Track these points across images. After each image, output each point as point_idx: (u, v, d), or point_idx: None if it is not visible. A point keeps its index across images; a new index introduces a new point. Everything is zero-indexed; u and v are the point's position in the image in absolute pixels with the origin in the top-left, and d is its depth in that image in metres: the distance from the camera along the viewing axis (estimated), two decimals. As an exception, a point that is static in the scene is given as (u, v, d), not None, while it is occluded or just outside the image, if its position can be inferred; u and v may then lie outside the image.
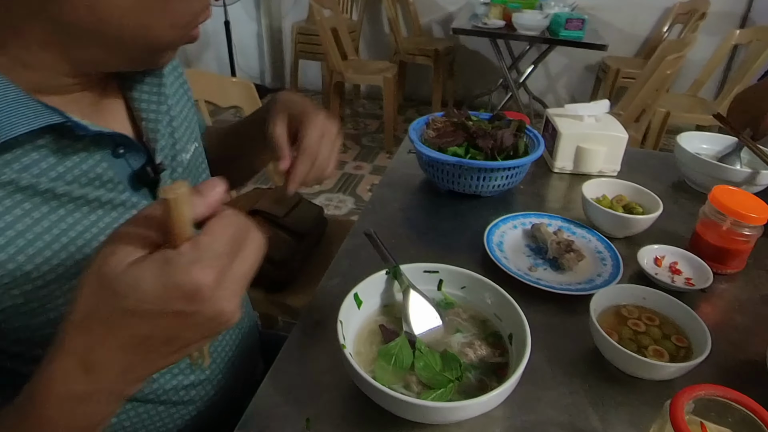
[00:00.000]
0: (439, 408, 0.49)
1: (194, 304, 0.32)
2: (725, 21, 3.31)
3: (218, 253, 0.32)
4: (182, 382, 0.62)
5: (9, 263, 0.43)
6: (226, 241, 0.33)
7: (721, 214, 0.76)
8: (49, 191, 0.45)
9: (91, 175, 0.49)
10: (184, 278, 0.31)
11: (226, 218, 0.34)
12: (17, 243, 0.44)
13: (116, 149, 0.51)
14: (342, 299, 0.57)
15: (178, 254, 0.32)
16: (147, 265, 0.32)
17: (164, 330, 0.33)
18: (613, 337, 0.61)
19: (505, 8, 2.97)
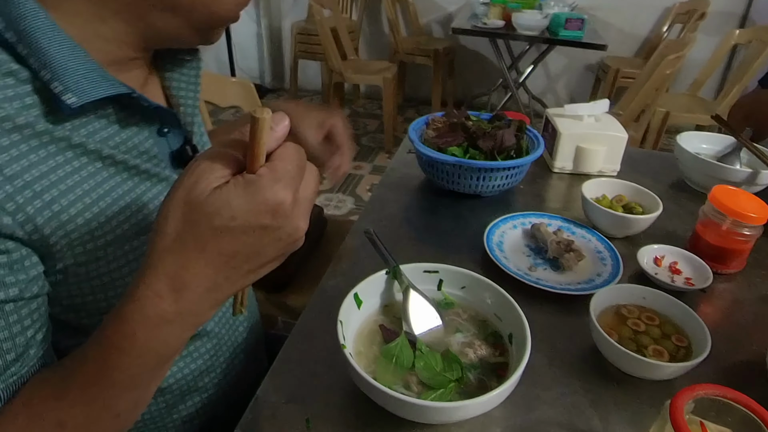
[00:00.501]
0: (439, 408, 0.49)
1: (278, 218, 0.36)
2: (725, 21, 3.32)
3: (292, 175, 0.37)
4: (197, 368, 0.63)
5: (78, 218, 0.46)
6: (295, 166, 0.37)
7: (720, 213, 0.76)
8: (109, 157, 0.49)
9: (141, 148, 0.53)
10: (269, 195, 0.35)
11: (291, 147, 0.38)
12: (84, 201, 0.47)
13: (161, 128, 0.55)
14: (342, 299, 0.57)
15: (259, 176, 0.36)
16: (232, 186, 0.35)
17: (249, 246, 0.37)
18: (613, 336, 0.61)
19: (504, 8, 2.97)
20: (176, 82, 0.60)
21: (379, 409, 0.51)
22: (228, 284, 0.38)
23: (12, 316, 0.42)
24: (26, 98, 0.43)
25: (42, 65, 0.43)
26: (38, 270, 0.45)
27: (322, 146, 0.74)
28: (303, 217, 0.38)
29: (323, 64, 3.60)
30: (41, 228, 0.44)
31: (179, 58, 0.61)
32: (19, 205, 0.42)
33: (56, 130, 0.45)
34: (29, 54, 0.43)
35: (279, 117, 0.37)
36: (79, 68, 0.44)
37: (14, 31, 0.43)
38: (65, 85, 0.43)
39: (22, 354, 0.43)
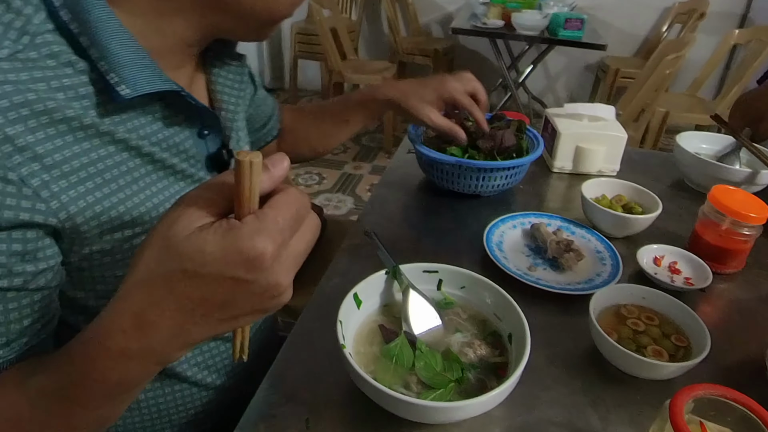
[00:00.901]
0: (439, 408, 0.49)
1: (253, 271, 0.33)
2: (724, 21, 3.32)
3: (281, 226, 0.34)
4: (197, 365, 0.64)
5: (111, 210, 0.48)
6: (288, 216, 0.34)
7: (720, 213, 0.76)
8: (149, 155, 0.50)
9: (180, 147, 0.54)
10: (247, 245, 0.32)
11: (290, 195, 0.35)
12: (119, 195, 0.48)
13: (202, 129, 0.56)
14: (341, 299, 0.57)
15: (243, 223, 0.33)
16: (212, 230, 0.33)
17: (220, 295, 0.34)
18: (613, 336, 0.61)
19: (504, 8, 2.97)
20: (220, 86, 0.62)
21: (378, 409, 0.51)
22: (197, 330, 0.36)
23: (11, 303, 0.43)
24: (80, 89, 0.45)
25: (101, 56, 0.45)
26: (50, 263, 0.45)
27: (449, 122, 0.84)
28: (285, 272, 0.35)
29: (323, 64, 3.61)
30: (74, 216, 0.45)
31: (225, 62, 0.63)
32: (54, 192, 0.43)
33: (102, 124, 0.46)
34: (90, 45, 0.44)
35: (277, 158, 0.35)
36: (135, 62, 0.46)
37: (79, 22, 0.44)
38: (121, 77, 0.45)
39: (13, 341, 0.44)
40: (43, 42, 0.43)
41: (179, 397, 0.64)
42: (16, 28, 0.42)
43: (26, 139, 0.41)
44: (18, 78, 0.41)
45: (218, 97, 0.62)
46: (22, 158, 0.41)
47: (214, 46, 0.60)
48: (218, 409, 0.69)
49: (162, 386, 0.62)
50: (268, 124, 0.87)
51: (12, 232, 0.42)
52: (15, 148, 0.41)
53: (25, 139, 0.41)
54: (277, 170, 0.35)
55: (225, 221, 0.34)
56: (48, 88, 0.43)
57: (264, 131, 0.87)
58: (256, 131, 0.86)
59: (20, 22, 0.43)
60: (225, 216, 0.35)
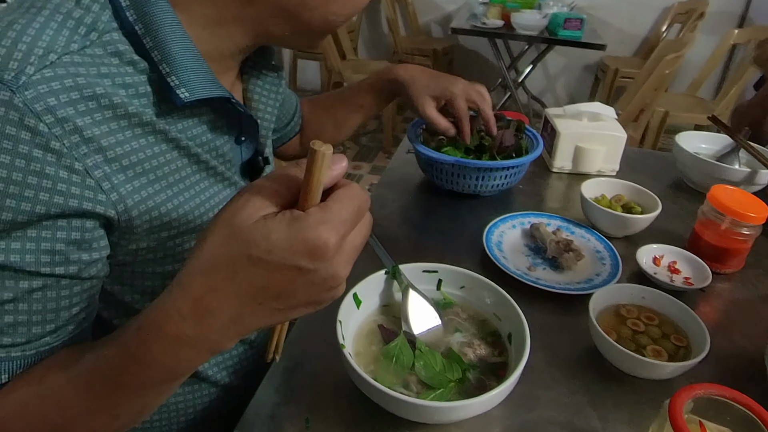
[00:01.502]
0: (439, 408, 0.49)
1: (315, 261, 0.34)
2: (724, 21, 3.32)
3: (344, 219, 0.34)
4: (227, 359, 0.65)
5: (161, 206, 0.49)
6: (351, 210, 0.35)
7: (719, 213, 0.76)
8: (196, 155, 0.52)
9: (220, 151, 0.55)
10: (311, 235, 0.33)
11: (353, 189, 0.36)
12: (167, 192, 0.50)
13: (239, 136, 0.58)
14: (341, 299, 0.57)
15: (308, 214, 0.34)
16: (278, 219, 0.34)
17: (281, 283, 0.34)
18: (612, 336, 0.61)
19: (503, 8, 2.97)
20: (257, 95, 0.63)
21: (378, 408, 0.51)
22: (253, 318, 0.36)
23: (64, 290, 0.44)
24: (140, 87, 0.46)
25: (163, 59, 0.46)
26: (102, 254, 0.47)
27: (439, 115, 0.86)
28: (344, 264, 0.36)
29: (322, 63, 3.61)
30: (130, 209, 0.46)
31: (263, 72, 0.64)
32: (114, 185, 0.45)
33: (158, 122, 0.48)
34: (153, 47, 0.46)
35: (338, 157, 0.36)
36: (194, 67, 0.47)
37: (143, 24, 0.45)
38: (181, 80, 0.46)
39: (60, 327, 0.45)
40: (110, 40, 0.45)
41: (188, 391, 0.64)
42: (86, 23, 0.44)
43: (93, 131, 0.42)
44: (87, 72, 0.42)
45: (254, 105, 0.63)
46: (88, 149, 0.42)
47: (252, 57, 0.61)
48: (224, 407, 0.69)
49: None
50: (292, 121, 0.89)
51: (72, 221, 0.43)
52: (82, 139, 0.42)
53: (91, 131, 0.42)
54: (337, 168, 0.36)
55: (289, 212, 0.34)
56: (112, 84, 0.44)
57: (288, 128, 0.89)
58: (282, 128, 0.87)
59: (89, 18, 0.44)
60: (289, 206, 0.35)
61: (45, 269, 0.42)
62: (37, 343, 0.44)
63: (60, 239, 0.43)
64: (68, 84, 0.41)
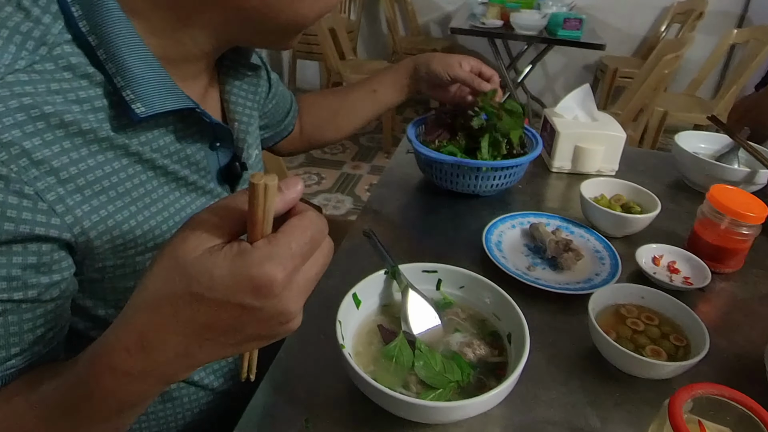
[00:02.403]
0: (438, 408, 0.49)
1: (261, 299, 0.32)
2: (723, 20, 3.32)
3: (293, 253, 0.32)
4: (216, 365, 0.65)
5: (123, 224, 0.48)
6: (302, 242, 0.33)
7: (719, 213, 0.76)
8: (162, 167, 0.50)
9: (192, 159, 0.54)
10: (257, 272, 0.31)
11: (306, 219, 0.34)
12: (131, 208, 0.48)
13: (214, 142, 0.56)
14: (340, 299, 0.57)
15: (254, 248, 0.32)
16: (222, 254, 0.32)
17: (226, 321, 0.33)
18: (611, 335, 0.61)
19: (502, 8, 2.97)
20: (234, 97, 0.61)
21: (378, 409, 0.51)
22: (203, 353, 0.35)
23: (26, 314, 0.43)
24: (96, 102, 0.44)
25: (117, 71, 0.44)
26: (64, 275, 0.45)
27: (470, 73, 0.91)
28: (295, 299, 0.34)
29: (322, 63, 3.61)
30: (88, 231, 0.45)
31: (240, 71, 0.62)
32: (69, 207, 0.43)
33: (117, 137, 0.46)
34: (107, 59, 0.44)
35: (291, 181, 0.34)
36: (151, 79, 0.45)
37: (97, 35, 0.44)
38: (136, 95, 0.45)
39: (26, 350, 0.44)
40: (61, 53, 0.43)
41: (176, 397, 0.63)
42: (34, 37, 0.42)
43: (43, 152, 0.41)
44: (35, 90, 0.41)
45: (231, 108, 0.61)
46: (38, 172, 0.41)
47: (229, 55, 0.60)
48: (218, 411, 0.69)
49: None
50: (285, 119, 0.88)
51: (27, 245, 0.41)
52: (32, 162, 0.40)
53: (42, 152, 0.41)
54: (290, 192, 0.34)
55: (236, 244, 0.32)
56: (64, 100, 0.42)
57: (281, 127, 0.88)
58: (274, 126, 0.86)
59: (39, 31, 0.42)
60: (237, 237, 0.34)
61: (2, 295, 0.41)
62: (2, 367, 0.43)
63: (15, 264, 0.41)
64: (13, 105, 0.39)
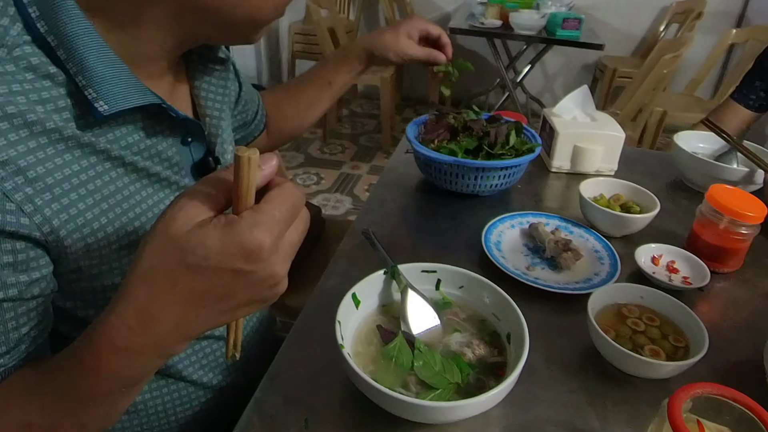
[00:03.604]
0: (438, 408, 0.49)
1: (252, 263, 0.35)
2: (721, 20, 3.32)
3: (277, 219, 0.35)
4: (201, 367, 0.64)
5: (94, 222, 0.47)
6: (284, 209, 0.36)
7: (718, 212, 0.76)
8: (132, 164, 0.50)
9: (163, 155, 0.53)
10: (245, 239, 0.34)
11: (286, 189, 0.37)
12: (101, 206, 0.48)
13: (185, 137, 0.56)
14: (340, 299, 0.57)
15: (241, 218, 0.35)
16: (212, 225, 0.35)
17: (220, 287, 0.36)
18: (610, 334, 0.61)
19: (502, 8, 2.97)
20: (204, 92, 0.61)
21: (377, 409, 0.51)
22: (198, 322, 0.37)
23: (8, 313, 0.43)
24: (59, 101, 0.44)
25: (78, 70, 0.44)
26: (43, 272, 0.45)
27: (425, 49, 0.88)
28: (282, 263, 0.37)
29: (321, 64, 3.58)
30: (57, 230, 0.44)
31: (209, 66, 0.62)
32: (38, 207, 0.43)
33: (83, 135, 0.46)
34: (67, 59, 0.44)
35: (267, 157, 0.37)
36: (113, 77, 0.45)
37: (55, 35, 0.43)
38: (98, 93, 0.44)
39: (12, 348, 0.44)
40: (21, 54, 0.43)
41: (177, 397, 0.64)
42: None
43: (8, 153, 0.41)
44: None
45: (202, 103, 0.61)
46: (5, 172, 0.41)
47: (196, 50, 0.59)
48: (217, 409, 0.69)
49: (159, 387, 0.62)
50: (256, 118, 0.87)
51: (1, 244, 0.41)
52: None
53: (7, 153, 0.41)
54: (267, 167, 0.36)
55: (223, 216, 0.35)
56: (27, 101, 0.42)
57: (252, 126, 0.87)
58: (245, 126, 0.85)
59: None
60: (223, 211, 0.36)
61: None
62: None
63: None
64: None
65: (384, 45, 0.86)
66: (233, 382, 0.70)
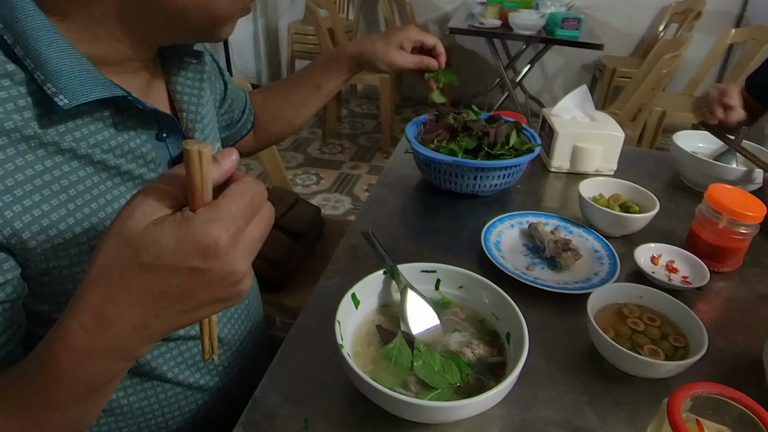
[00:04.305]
0: (437, 407, 0.49)
1: (208, 260, 0.33)
2: (721, 20, 3.32)
3: (234, 215, 0.34)
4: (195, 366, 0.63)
5: (60, 223, 0.46)
6: (242, 204, 0.34)
7: (717, 212, 0.76)
8: (101, 162, 0.48)
9: (136, 153, 0.52)
10: (201, 234, 0.33)
11: (244, 184, 0.35)
12: (68, 206, 0.46)
13: (160, 132, 0.55)
14: (339, 299, 0.57)
15: (197, 214, 0.33)
16: (167, 223, 0.33)
17: (178, 286, 0.34)
18: (609, 333, 0.61)
19: (501, 8, 2.97)
20: (180, 86, 0.60)
21: (377, 409, 0.51)
22: (159, 322, 0.36)
23: None
24: (19, 100, 0.43)
25: (36, 66, 0.43)
26: (8, 276, 0.44)
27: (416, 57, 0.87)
28: (242, 259, 0.35)
29: (320, 64, 3.58)
30: (20, 232, 0.43)
31: (185, 60, 0.60)
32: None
33: (46, 135, 0.44)
34: (25, 55, 0.43)
35: (226, 151, 0.36)
36: (72, 70, 0.44)
37: (11, 32, 0.43)
38: (58, 87, 0.43)
39: None
40: None
41: (163, 399, 0.63)
42: None
43: None
44: None
45: (178, 98, 0.59)
46: None
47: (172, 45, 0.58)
48: (214, 410, 0.69)
49: (144, 389, 0.61)
50: (242, 118, 0.86)
51: None
52: None
53: None
54: (226, 162, 0.35)
55: (180, 213, 0.34)
56: None
57: (239, 125, 0.86)
58: (231, 125, 0.85)
59: None
60: (181, 208, 0.35)
61: None
62: None
63: None
64: None
65: (374, 54, 0.85)
66: (228, 383, 0.69)
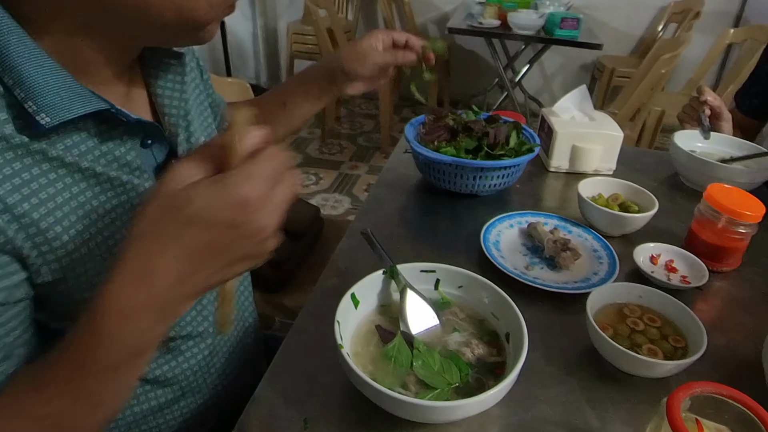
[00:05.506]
0: (437, 407, 0.49)
1: (243, 213, 0.37)
2: (719, 20, 3.33)
3: (263, 175, 0.38)
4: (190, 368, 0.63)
5: (48, 231, 0.46)
6: (269, 168, 0.38)
7: (716, 211, 0.77)
8: (88, 169, 0.49)
9: (122, 160, 0.52)
10: (236, 190, 0.37)
11: (272, 151, 0.39)
12: (55, 214, 0.46)
13: (145, 139, 0.55)
14: (339, 299, 0.57)
15: (229, 174, 0.37)
16: (203, 184, 0.37)
17: (215, 241, 0.38)
18: (608, 333, 0.61)
19: (500, 8, 2.97)
20: (161, 89, 0.59)
21: (376, 409, 0.51)
22: (197, 278, 0.39)
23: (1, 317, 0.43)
24: (1, 113, 0.43)
25: (15, 83, 0.42)
26: (21, 276, 0.45)
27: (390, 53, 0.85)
28: (271, 216, 0.38)
29: (319, 64, 3.58)
30: (13, 240, 0.43)
31: (164, 61, 0.59)
32: None
33: (32, 144, 0.44)
34: (3, 71, 0.42)
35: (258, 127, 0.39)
36: (53, 87, 0.43)
37: None
38: (39, 105, 0.43)
39: (9, 354, 0.44)
40: None
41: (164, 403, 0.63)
42: None
43: None
44: None
45: (160, 102, 0.59)
46: None
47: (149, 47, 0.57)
48: (216, 410, 0.69)
49: (144, 392, 0.61)
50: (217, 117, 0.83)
51: None
52: None
53: None
54: (256, 134, 0.39)
55: (215, 176, 0.38)
56: None
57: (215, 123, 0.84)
58: None
59: None
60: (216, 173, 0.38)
61: None
62: None
63: None
64: None
65: (348, 58, 0.84)
66: (225, 385, 0.69)
